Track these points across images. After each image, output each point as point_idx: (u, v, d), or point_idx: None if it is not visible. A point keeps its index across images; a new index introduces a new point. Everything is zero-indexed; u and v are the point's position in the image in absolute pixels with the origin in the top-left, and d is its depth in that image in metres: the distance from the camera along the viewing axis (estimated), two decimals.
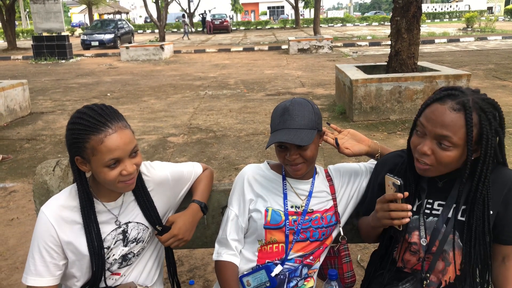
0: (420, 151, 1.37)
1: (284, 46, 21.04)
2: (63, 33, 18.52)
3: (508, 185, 1.41)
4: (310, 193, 1.65)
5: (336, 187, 1.70)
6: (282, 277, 1.60)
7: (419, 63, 7.81)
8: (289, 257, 1.61)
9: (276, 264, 1.60)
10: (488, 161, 1.35)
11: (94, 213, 1.48)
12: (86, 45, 23.82)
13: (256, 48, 21.86)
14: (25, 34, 38.69)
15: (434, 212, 1.47)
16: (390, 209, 1.37)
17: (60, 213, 1.46)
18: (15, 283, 3.06)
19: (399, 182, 1.34)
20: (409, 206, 1.36)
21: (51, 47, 18.53)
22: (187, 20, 32.76)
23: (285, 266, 1.61)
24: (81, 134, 1.36)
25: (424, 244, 1.46)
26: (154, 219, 1.59)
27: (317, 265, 1.70)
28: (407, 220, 1.36)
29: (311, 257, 1.64)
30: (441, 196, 1.46)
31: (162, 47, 18.62)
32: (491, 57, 14.61)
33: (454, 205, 1.44)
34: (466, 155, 1.33)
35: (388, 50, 7.87)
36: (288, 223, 1.60)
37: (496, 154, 1.39)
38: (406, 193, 1.37)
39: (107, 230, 1.52)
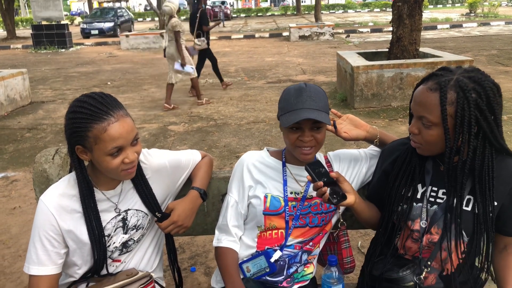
0: (409, 130, 1.45)
1: (285, 33, 20.89)
2: (62, 22, 18.43)
3: None
4: None
5: None
6: (282, 263, 1.61)
7: (421, 49, 7.76)
8: (288, 243, 1.61)
9: (276, 250, 1.61)
10: (475, 142, 1.34)
11: (94, 201, 1.48)
12: (85, 34, 23.71)
13: (256, 35, 21.72)
14: (24, 23, 38.51)
15: (438, 200, 1.46)
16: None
17: (59, 202, 1.46)
18: (18, 271, 3.08)
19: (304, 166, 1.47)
20: (319, 183, 1.40)
21: (51, 36, 18.45)
22: (223, 6, 32.97)
23: (285, 252, 1.61)
24: (83, 123, 1.35)
25: (424, 226, 1.46)
26: (153, 206, 1.59)
27: (317, 251, 1.70)
28: (325, 196, 1.39)
29: (310, 243, 1.65)
30: (445, 185, 1.45)
31: (162, 35, 18.49)
32: (494, 42, 14.49)
33: (456, 194, 1.43)
34: (444, 134, 1.34)
35: (390, 37, 7.81)
36: (287, 209, 1.60)
37: (486, 136, 1.34)
38: (309, 177, 1.43)
39: (107, 218, 1.52)
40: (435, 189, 1.47)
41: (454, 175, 1.40)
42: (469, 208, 1.41)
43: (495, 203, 1.41)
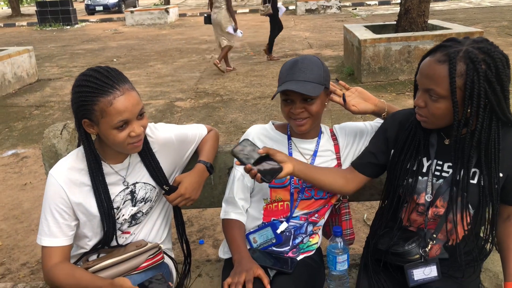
0: (415, 103, 1.41)
1: (292, 7, 20.56)
2: None
3: None
4: (315, 152, 1.66)
5: (341, 146, 1.70)
6: (287, 234, 1.64)
7: (430, 21, 7.61)
8: (294, 215, 1.64)
9: (282, 222, 1.63)
10: (483, 114, 1.31)
11: (103, 174, 1.51)
12: (90, 10, 23.50)
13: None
14: (28, 0, 38.21)
15: (444, 174, 1.46)
16: None
17: (68, 176, 1.49)
18: (31, 244, 3.16)
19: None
20: (247, 166, 1.41)
21: (55, 12, 18.33)
22: None
23: (290, 223, 1.64)
24: (89, 97, 1.37)
25: (429, 200, 1.47)
26: (160, 179, 1.61)
27: (322, 222, 1.73)
28: (251, 175, 1.40)
29: (316, 215, 1.67)
30: (450, 158, 1.45)
31: (167, 11, 18.33)
32: (505, 13, 14.17)
33: (462, 167, 1.43)
34: (452, 107, 1.31)
35: (398, 9, 7.67)
36: (293, 182, 1.62)
37: (493, 108, 1.32)
38: (237, 162, 1.45)
39: (115, 191, 1.55)
40: (440, 162, 1.47)
41: (462, 148, 1.38)
42: (475, 181, 1.41)
43: (501, 175, 1.41)
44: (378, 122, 1.75)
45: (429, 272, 1.46)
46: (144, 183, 1.60)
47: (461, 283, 1.48)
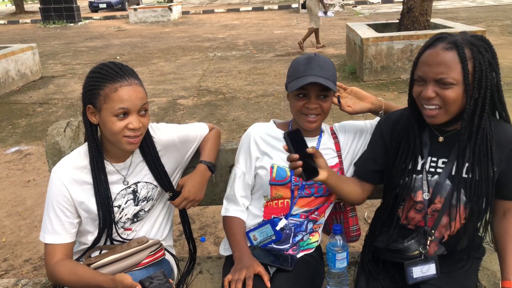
0: (424, 96, 1.38)
1: (294, 5, 20.54)
2: None
3: None
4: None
5: (341, 144, 1.72)
6: (287, 231, 1.65)
7: (432, 20, 7.61)
8: (294, 213, 1.65)
9: (281, 219, 1.65)
10: (486, 97, 1.34)
11: (104, 171, 1.53)
12: (94, 8, 23.53)
13: (265, 7, 21.38)
14: None
15: (438, 170, 1.48)
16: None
17: (71, 174, 1.51)
18: (34, 241, 3.19)
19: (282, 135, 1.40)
20: (295, 156, 1.36)
21: (59, 9, 18.36)
22: None
23: (290, 221, 1.66)
24: (98, 81, 1.42)
25: (427, 198, 1.49)
26: (163, 179, 1.63)
27: (322, 220, 1.74)
28: (297, 170, 1.37)
29: (316, 213, 1.69)
30: (444, 154, 1.47)
31: (170, 8, 18.33)
32: (508, 12, 14.13)
33: (456, 163, 1.45)
34: (465, 90, 1.33)
35: (401, 8, 7.66)
36: (293, 179, 1.63)
37: (493, 97, 1.37)
38: (286, 146, 1.39)
39: (116, 190, 1.57)
40: (435, 159, 1.49)
41: (456, 142, 1.42)
42: (469, 175, 1.43)
43: (495, 169, 1.43)
44: (377, 121, 1.77)
45: (427, 270, 1.47)
46: (146, 182, 1.62)
47: (458, 281, 1.50)
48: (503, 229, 1.51)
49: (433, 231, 1.50)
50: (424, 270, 1.47)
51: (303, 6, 11.35)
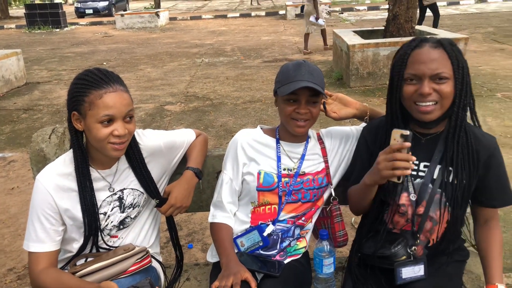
0: (422, 93, 1.40)
1: (282, 12, 20.66)
2: (56, 1, 18.21)
3: (491, 150, 1.46)
4: (303, 156, 1.69)
5: (328, 150, 1.73)
6: (275, 237, 1.66)
7: (417, 27, 7.72)
8: (281, 218, 1.66)
9: (268, 225, 1.65)
10: (467, 93, 1.41)
11: (90, 178, 1.51)
12: (80, 13, 23.36)
13: (253, 14, 21.48)
14: (17, 2, 37.87)
15: (420, 174, 1.51)
16: (396, 158, 1.34)
17: (56, 181, 1.49)
18: (18, 249, 3.14)
19: (408, 133, 1.34)
20: (414, 158, 1.35)
21: (44, 15, 18.20)
22: None
23: (278, 227, 1.66)
24: (83, 88, 1.41)
25: (414, 199, 1.50)
26: (149, 186, 1.62)
27: (310, 225, 1.75)
28: (409, 171, 1.34)
29: (303, 218, 1.69)
30: (425, 157, 1.50)
31: (157, 14, 18.30)
32: (490, 20, 14.40)
33: (439, 166, 1.47)
34: (455, 85, 1.40)
35: (386, 15, 7.76)
36: (281, 185, 1.64)
37: (467, 93, 1.43)
38: (409, 144, 1.35)
39: (102, 197, 1.55)
40: (416, 162, 1.51)
41: (439, 144, 1.45)
42: (450, 179, 1.46)
43: (476, 172, 1.46)
44: (363, 126, 1.78)
45: (418, 270, 1.49)
46: (132, 189, 1.61)
47: (443, 285, 1.51)
48: (485, 237, 1.54)
49: (418, 235, 1.52)
50: (413, 271, 1.49)
51: (302, 10, 11.97)
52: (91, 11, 23.20)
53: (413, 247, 1.51)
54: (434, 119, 1.43)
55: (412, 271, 1.48)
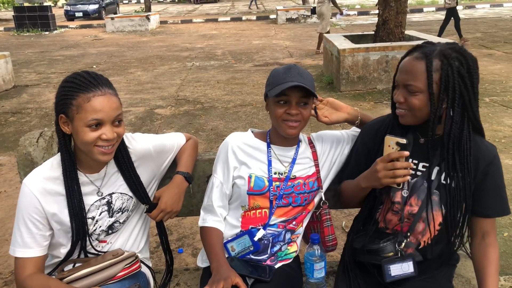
0: (395, 99, 1.49)
1: (272, 16, 20.74)
2: (45, 3, 18.05)
3: (490, 158, 1.47)
4: (294, 160, 1.68)
5: (319, 154, 1.73)
6: (265, 242, 1.65)
7: (407, 32, 7.79)
8: (272, 222, 1.65)
9: (259, 229, 1.64)
10: (456, 110, 1.40)
11: (78, 182, 1.49)
12: (69, 16, 23.21)
13: (244, 18, 21.53)
14: (5, 5, 37.52)
15: (418, 173, 1.51)
16: (395, 167, 1.41)
17: (43, 185, 1.46)
18: (5, 255, 3.09)
19: (405, 141, 1.42)
20: (411, 164, 1.44)
21: (33, 18, 18.05)
22: None
23: (268, 231, 1.65)
24: (71, 91, 1.39)
25: (406, 195, 1.51)
26: (139, 190, 1.60)
27: (300, 230, 1.74)
28: (408, 177, 1.43)
29: (294, 222, 1.68)
30: (425, 158, 1.51)
31: (148, 18, 18.25)
32: (478, 25, 14.59)
33: (437, 168, 1.48)
34: (429, 99, 1.39)
35: (376, 19, 7.82)
36: (271, 189, 1.63)
37: (465, 105, 1.41)
38: (407, 153, 1.42)
39: (90, 201, 1.53)
40: (416, 161, 1.52)
41: (436, 148, 1.46)
42: (447, 181, 1.46)
43: (472, 178, 1.46)
44: (354, 130, 1.79)
45: (407, 268, 1.49)
46: (121, 193, 1.59)
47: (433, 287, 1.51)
48: (482, 252, 1.52)
49: (409, 234, 1.52)
50: (402, 268, 1.49)
51: (313, 12, 11.95)
52: (81, 14, 23.07)
53: (402, 244, 1.51)
54: (411, 124, 1.49)
55: (400, 269, 1.49)
